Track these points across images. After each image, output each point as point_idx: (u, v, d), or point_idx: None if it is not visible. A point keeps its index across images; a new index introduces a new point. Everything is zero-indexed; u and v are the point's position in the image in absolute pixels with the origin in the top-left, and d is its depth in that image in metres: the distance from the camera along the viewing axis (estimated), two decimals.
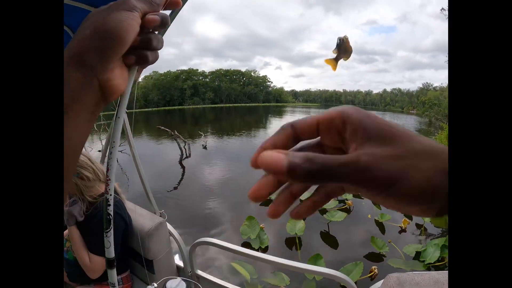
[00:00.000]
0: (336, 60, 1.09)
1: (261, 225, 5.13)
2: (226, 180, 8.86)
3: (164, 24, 0.41)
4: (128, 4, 0.38)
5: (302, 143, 0.31)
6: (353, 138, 0.26)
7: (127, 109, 1.84)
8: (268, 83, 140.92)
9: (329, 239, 5.36)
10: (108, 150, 2.30)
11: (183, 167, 10.59)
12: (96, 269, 1.47)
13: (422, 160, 0.27)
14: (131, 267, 1.83)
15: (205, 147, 14.03)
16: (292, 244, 5.09)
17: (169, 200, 7.09)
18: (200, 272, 1.83)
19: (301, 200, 0.32)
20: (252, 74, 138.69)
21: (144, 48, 0.41)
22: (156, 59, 0.44)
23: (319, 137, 0.30)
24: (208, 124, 31.33)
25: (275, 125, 26.45)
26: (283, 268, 3.72)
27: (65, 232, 1.95)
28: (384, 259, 4.81)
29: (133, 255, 1.76)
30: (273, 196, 0.32)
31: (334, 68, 1.21)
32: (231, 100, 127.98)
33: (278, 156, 0.23)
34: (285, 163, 0.23)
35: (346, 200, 6.35)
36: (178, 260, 1.94)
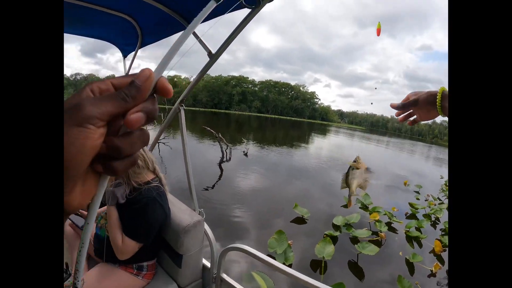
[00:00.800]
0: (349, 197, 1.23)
1: (289, 241, 5.02)
2: (260, 190, 8.82)
3: (151, 119, 0.33)
4: (80, 116, 0.28)
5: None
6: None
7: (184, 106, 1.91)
8: (315, 100, 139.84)
9: (356, 270, 5.10)
10: (155, 143, 2.41)
11: (221, 169, 10.71)
12: (126, 251, 1.51)
13: (424, 93, 0.86)
14: (159, 256, 1.86)
15: (246, 154, 14.11)
16: (317, 267, 4.89)
17: (200, 199, 7.17)
18: (224, 276, 1.82)
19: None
20: (301, 88, 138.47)
21: (113, 157, 0.32)
22: (134, 162, 0.35)
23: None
24: (252, 132, 31.55)
25: (317, 143, 25.95)
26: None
27: (102, 209, 2.04)
28: None
29: (164, 246, 1.80)
30: None
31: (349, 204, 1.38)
32: (277, 111, 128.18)
33: (394, 103, 0.94)
34: (396, 105, 0.93)
35: (380, 231, 6.06)
36: (205, 260, 1.95)
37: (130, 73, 3.01)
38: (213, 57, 1.69)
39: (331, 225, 6.23)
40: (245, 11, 1.46)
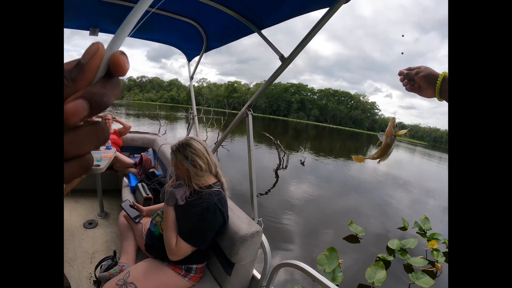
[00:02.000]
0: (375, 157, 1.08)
1: (340, 260, 4.74)
2: (314, 201, 8.59)
3: (98, 107, 0.25)
4: None
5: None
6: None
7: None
8: (375, 111, 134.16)
9: None
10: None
11: (277, 176, 10.68)
12: (178, 253, 1.48)
13: (427, 69, 0.91)
14: (209, 260, 1.82)
15: (302, 163, 13.92)
16: None
17: (249, 202, 7.10)
18: None
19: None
20: (361, 98, 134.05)
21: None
22: (88, 167, 0.28)
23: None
24: (309, 140, 31.16)
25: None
26: None
27: (158, 205, 2.05)
28: None
29: (217, 252, 1.76)
30: None
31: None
32: (336, 121, 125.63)
33: (402, 70, 0.99)
34: (402, 72, 0.99)
35: (437, 262, 5.45)
36: (255, 271, 1.87)
37: (193, 77, 3.10)
38: (286, 61, 1.64)
39: (385, 248, 5.77)
40: (319, 13, 1.40)
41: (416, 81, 0.92)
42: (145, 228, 1.87)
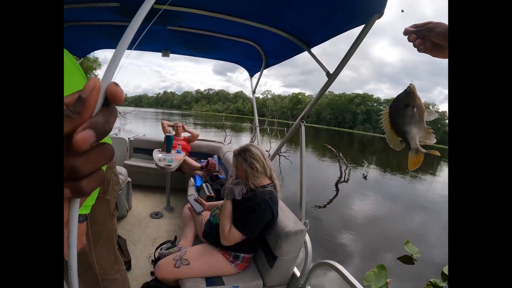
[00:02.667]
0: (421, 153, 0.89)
1: (388, 280, 4.57)
2: (372, 218, 8.22)
3: (102, 133, 0.29)
4: None
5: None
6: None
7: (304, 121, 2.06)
8: (447, 121, 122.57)
9: None
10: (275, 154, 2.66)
11: (337, 189, 10.51)
12: (230, 239, 1.78)
13: (442, 24, 0.72)
14: (256, 253, 2.04)
15: (365, 177, 13.47)
16: None
17: (310, 216, 7.14)
18: None
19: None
20: (431, 107, 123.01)
21: (73, 179, 0.29)
22: (102, 179, 0.32)
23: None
24: (374, 154, 29.79)
25: (446, 174, 22.38)
26: None
27: (218, 202, 2.41)
28: None
29: (264, 245, 1.97)
30: None
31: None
32: None
33: (408, 28, 0.81)
34: (410, 29, 0.80)
35: None
36: (296, 269, 2.02)
37: (255, 91, 3.41)
38: (331, 77, 1.78)
39: (440, 273, 5.34)
40: (358, 29, 1.52)
41: (431, 39, 0.75)
42: (205, 219, 2.20)
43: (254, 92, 3.55)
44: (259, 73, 3.30)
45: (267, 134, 17.45)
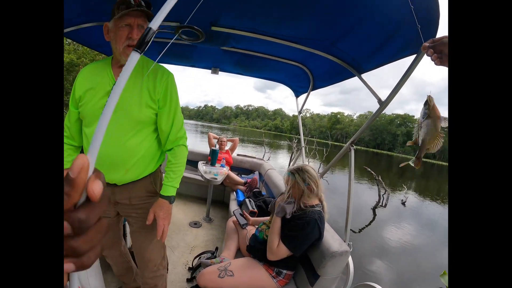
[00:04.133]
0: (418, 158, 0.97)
1: None
2: (409, 247, 7.81)
3: (79, 231, 0.29)
4: None
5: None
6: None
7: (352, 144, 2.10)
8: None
9: None
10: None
11: (374, 214, 10.19)
12: (277, 254, 1.82)
13: None
14: (297, 271, 2.06)
15: (403, 203, 12.92)
16: None
17: (341, 236, 6.89)
18: None
19: None
20: None
21: (74, 256, 0.30)
22: (99, 253, 0.33)
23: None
24: (414, 179, 28.47)
25: None
26: None
27: (262, 218, 2.50)
28: None
29: (306, 263, 1.99)
30: None
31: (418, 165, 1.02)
32: (446, 158, 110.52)
33: (425, 44, 0.83)
34: (427, 45, 0.83)
35: None
36: None
37: (301, 112, 3.47)
38: (383, 105, 1.81)
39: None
40: (411, 58, 1.55)
41: (446, 52, 0.78)
42: (250, 234, 2.27)
43: (300, 112, 3.61)
44: (305, 94, 3.38)
45: (306, 153, 17.31)
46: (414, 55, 1.53)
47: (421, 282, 5.77)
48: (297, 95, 3.72)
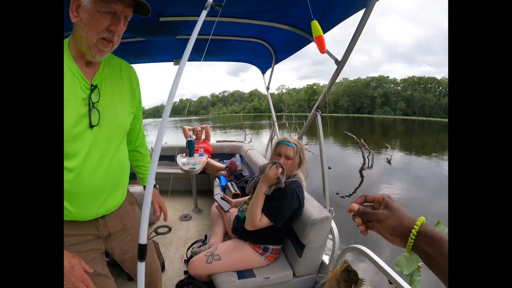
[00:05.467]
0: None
1: (419, 264, 4.44)
2: (401, 203, 8.02)
3: None
4: None
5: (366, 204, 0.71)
6: (381, 206, 0.66)
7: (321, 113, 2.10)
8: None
9: None
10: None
11: (362, 176, 10.40)
12: (259, 226, 1.82)
13: (395, 218, 0.62)
14: (285, 244, 2.09)
15: (389, 162, 13.24)
16: None
17: (339, 205, 7.07)
18: None
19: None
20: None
21: None
22: None
23: (372, 203, 0.69)
24: (397, 137, 29.01)
25: None
26: None
27: (243, 198, 2.51)
28: None
29: (291, 235, 2.02)
30: None
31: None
32: (425, 112, 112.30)
33: (355, 206, 0.69)
34: (356, 209, 0.68)
35: None
36: (325, 257, 2.06)
37: (269, 87, 3.47)
38: (340, 64, 1.81)
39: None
40: (361, 13, 1.55)
41: (377, 229, 0.67)
42: (233, 216, 2.28)
43: (268, 88, 3.63)
44: (270, 69, 3.38)
45: (287, 129, 17.40)
46: (364, 9, 1.53)
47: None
48: (263, 72, 3.72)
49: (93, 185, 1.08)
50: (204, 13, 0.93)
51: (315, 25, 1.72)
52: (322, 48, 1.71)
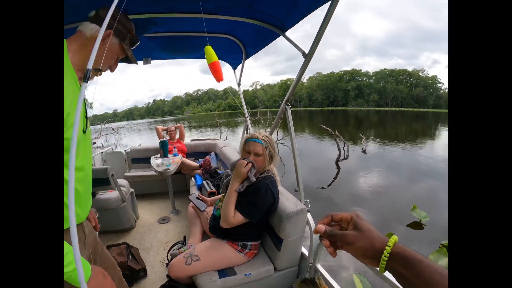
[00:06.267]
0: None
1: None
2: (377, 190, 8.18)
3: None
4: None
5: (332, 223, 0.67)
6: (350, 226, 0.62)
7: (291, 107, 2.09)
8: (438, 85, 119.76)
9: None
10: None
11: (338, 168, 10.57)
12: (233, 223, 1.80)
13: (365, 239, 0.59)
14: (263, 240, 2.09)
15: (364, 151, 13.56)
16: None
17: (317, 197, 7.26)
18: (319, 267, 1.89)
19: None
20: (420, 74, 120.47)
21: None
22: None
23: (340, 222, 0.66)
24: (371, 128, 29.67)
25: (445, 138, 22.20)
26: None
27: (219, 196, 2.45)
28: None
29: (269, 230, 2.02)
30: None
31: None
32: (397, 103, 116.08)
33: (321, 227, 0.64)
34: (323, 230, 0.63)
35: None
36: (304, 249, 2.07)
37: (240, 82, 3.44)
38: (308, 56, 1.80)
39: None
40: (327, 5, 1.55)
41: (349, 249, 0.62)
42: (209, 215, 2.25)
43: (239, 84, 3.62)
44: (241, 65, 3.35)
45: (262, 124, 17.46)
46: (329, 2, 1.53)
47: (396, 218, 6.13)
48: (234, 68, 3.69)
49: (90, 184, 1.21)
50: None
51: (209, 51, 1.71)
52: (217, 76, 1.74)
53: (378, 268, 0.56)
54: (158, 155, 4.31)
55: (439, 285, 0.45)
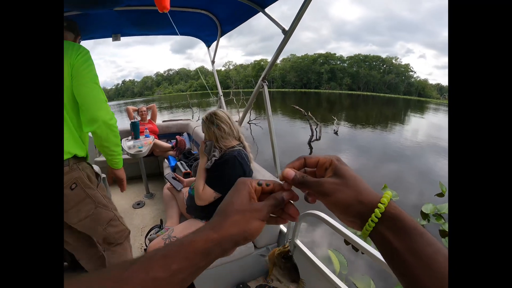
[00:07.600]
0: None
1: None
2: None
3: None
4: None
5: (305, 169, 0.52)
6: (328, 172, 0.47)
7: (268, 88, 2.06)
8: (410, 73, 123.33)
9: None
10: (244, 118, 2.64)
11: (311, 148, 10.76)
12: (204, 197, 1.80)
13: (348, 190, 0.44)
14: None
15: (336, 133, 13.85)
16: None
17: None
18: (298, 242, 1.90)
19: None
20: (394, 61, 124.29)
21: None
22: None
23: (315, 168, 0.51)
24: (343, 110, 30.28)
25: (414, 123, 23.07)
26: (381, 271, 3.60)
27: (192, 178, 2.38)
28: None
29: None
30: None
31: None
32: (370, 88, 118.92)
33: (290, 172, 0.48)
34: (292, 175, 0.48)
35: None
36: (282, 226, 2.09)
37: (214, 60, 3.33)
38: (287, 33, 1.77)
39: (420, 213, 5.65)
40: None
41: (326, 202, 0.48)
42: (186, 196, 2.20)
43: (213, 62, 3.53)
44: (215, 42, 3.24)
45: (234, 105, 17.33)
46: None
47: None
48: (208, 45, 3.56)
49: None
50: None
51: None
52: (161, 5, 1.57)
53: (360, 232, 0.44)
54: (130, 137, 4.13)
55: (441, 272, 0.35)
